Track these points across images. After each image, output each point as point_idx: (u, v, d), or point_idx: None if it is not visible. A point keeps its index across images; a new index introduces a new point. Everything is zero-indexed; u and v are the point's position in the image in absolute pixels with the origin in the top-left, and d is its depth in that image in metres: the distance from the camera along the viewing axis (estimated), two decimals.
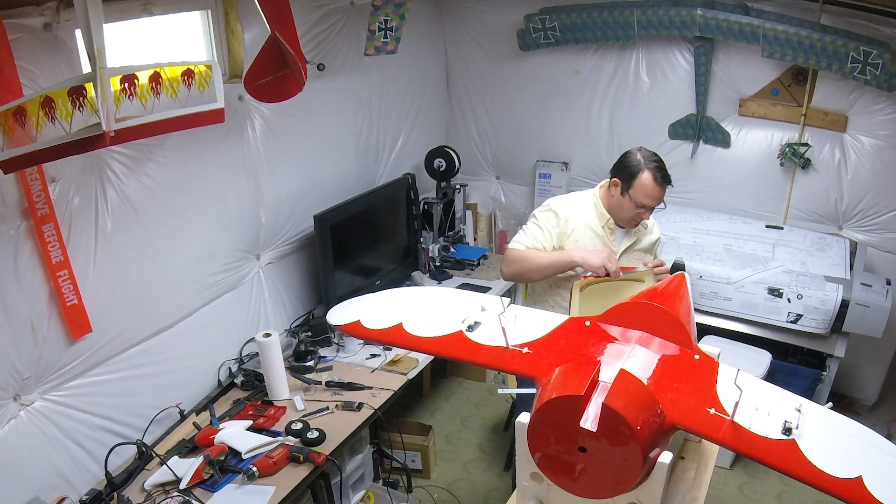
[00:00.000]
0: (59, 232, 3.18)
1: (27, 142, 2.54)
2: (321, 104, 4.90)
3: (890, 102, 4.98)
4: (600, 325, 2.53)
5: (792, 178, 5.47)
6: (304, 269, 5.06)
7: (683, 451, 2.83)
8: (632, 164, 3.74)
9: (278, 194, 4.63)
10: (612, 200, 3.87)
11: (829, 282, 4.91)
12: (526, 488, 2.45)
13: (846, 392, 5.79)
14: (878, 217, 5.31)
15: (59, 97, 2.56)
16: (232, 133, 4.18)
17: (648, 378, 2.21)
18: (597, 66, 5.86)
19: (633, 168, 3.73)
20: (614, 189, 3.82)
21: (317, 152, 4.98)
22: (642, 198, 3.74)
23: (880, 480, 1.90)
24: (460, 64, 6.45)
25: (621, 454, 1.99)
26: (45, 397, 3.32)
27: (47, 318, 3.24)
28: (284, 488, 3.50)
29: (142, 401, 3.83)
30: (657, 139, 5.80)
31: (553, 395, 2.04)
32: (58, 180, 3.18)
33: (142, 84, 2.82)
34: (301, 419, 3.97)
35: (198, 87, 3.03)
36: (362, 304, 3.03)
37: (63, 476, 3.42)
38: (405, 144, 6.04)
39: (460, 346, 2.61)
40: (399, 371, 4.54)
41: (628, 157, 3.79)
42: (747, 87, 5.45)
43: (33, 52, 2.97)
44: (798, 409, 2.10)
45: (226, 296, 4.37)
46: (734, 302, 5.12)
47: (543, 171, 6.35)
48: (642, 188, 3.72)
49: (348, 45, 5.01)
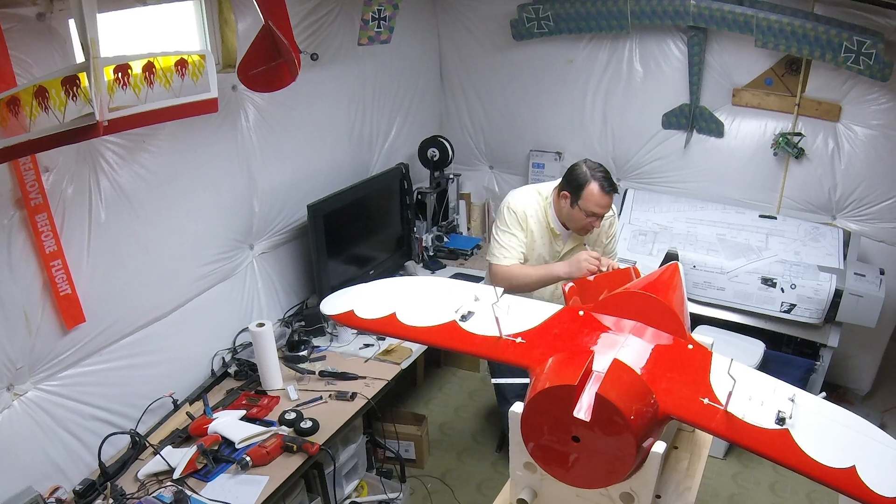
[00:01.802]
0: (52, 222, 3.18)
1: (21, 131, 2.53)
2: (315, 94, 4.89)
3: (883, 92, 4.98)
4: (594, 315, 2.53)
5: (785, 168, 5.48)
6: (297, 258, 5.06)
7: (677, 440, 2.84)
8: (579, 177, 3.91)
9: (272, 184, 4.63)
10: (562, 211, 4.04)
11: (822, 271, 4.92)
12: (519, 478, 2.45)
13: (840, 382, 5.82)
14: (871, 207, 5.32)
15: (52, 87, 2.56)
16: (225, 123, 4.17)
17: (642, 368, 2.21)
18: (590, 56, 5.85)
19: (580, 180, 3.90)
20: (564, 201, 3.98)
21: (310, 142, 4.97)
22: (592, 207, 3.91)
23: (874, 470, 1.90)
24: (454, 54, 6.44)
25: (615, 444, 1.99)
26: (38, 387, 3.32)
27: (41, 308, 3.24)
28: (278, 478, 3.50)
29: (135, 391, 3.83)
30: (650, 129, 5.81)
31: (546, 384, 2.03)
32: (51, 170, 3.17)
33: (135, 74, 2.81)
34: (294, 409, 3.98)
35: (191, 77, 3.03)
36: (356, 294, 3.02)
37: (56, 466, 3.42)
38: (399, 134, 6.03)
39: (454, 336, 2.61)
40: (392, 361, 4.55)
41: (575, 170, 3.95)
42: (741, 76, 5.45)
43: (27, 42, 2.96)
44: (791, 398, 2.10)
45: (219, 285, 4.36)
46: (727, 292, 5.13)
47: (537, 160, 6.35)
48: (591, 198, 3.88)
49: (342, 34, 4.99)
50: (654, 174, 6.00)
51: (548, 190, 4.13)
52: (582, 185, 3.86)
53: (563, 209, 4.00)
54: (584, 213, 3.92)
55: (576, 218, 3.97)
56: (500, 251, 4.08)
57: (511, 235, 4.07)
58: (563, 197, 3.96)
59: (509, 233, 4.08)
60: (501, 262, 4.07)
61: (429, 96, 6.48)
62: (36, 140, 2.55)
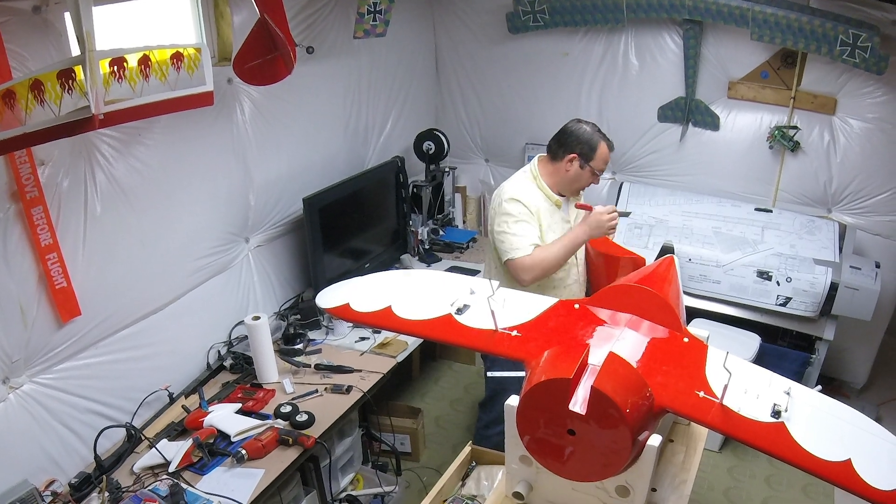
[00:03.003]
0: (48, 215, 3.18)
1: (16, 125, 2.53)
2: (310, 87, 4.88)
3: (879, 85, 4.98)
4: (589, 308, 2.53)
5: (781, 161, 5.48)
6: (293, 252, 5.06)
7: (672, 434, 2.84)
8: (587, 138, 3.95)
9: (267, 177, 4.62)
10: (567, 175, 4.01)
11: (818, 265, 4.93)
12: (515, 471, 2.46)
13: (835, 375, 5.82)
14: (867, 200, 5.31)
15: (48, 80, 2.55)
16: (221, 116, 4.17)
17: (637, 361, 2.21)
18: (586, 49, 5.84)
19: (591, 141, 3.95)
20: (570, 164, 3.96)
21: (306, 135, 4.96)
22: (601, 164, 4.01)
23: (869, 463, 1.90)
24: (449, 47, 6.42)
25: (610, 437, 1.99)
26: (34, 380, 3.32)
27: (36, 301, 3.24)
28: (273, 471, 3.51)
29: (131, 384, 3.83)
30: (646, 122, 5.81)
31: (542, 377, 2.04)
32: (47, 163, 3.17)
33: (131, 67, 2.81)
34: (290, 402, 3.98)
35: (187, 70, 3.02)
36: (351, 287, 3.03)
37: (52, 459, 3.42)
38: (394, 127, 6.02)
39: (449, 329, 2.61)
40: (388, 354, 4.55)
41: (579, 131, 3.97)
42: (736, 69, 5.45)
43: (22, 36, 2.95)
44: (787, 392, 2.10)
45: (215, 279, 4.37)
46: (723, 285, 5.13)
47: (532, 153, 6.31)
48: (602, 156, 3.98)
49: (337, 28, 4.99)
50: (649, 167, 5.99)
51: (529, 170, 4.12)
52: (595, 146, 3.93)
53: (567, 172, 3.98)
54: (591, 172, 3.99)
55: (584, 178, 4.01)
56: (516, 241, 3.91)
57: (523, 223, 3.94)
58: (570, 160, 3.94)
59: (521, 221, 3.94)
60: (522, 253, 3.89)
61: (424, 89, 6.47)
62: (31, 133, 2.55)
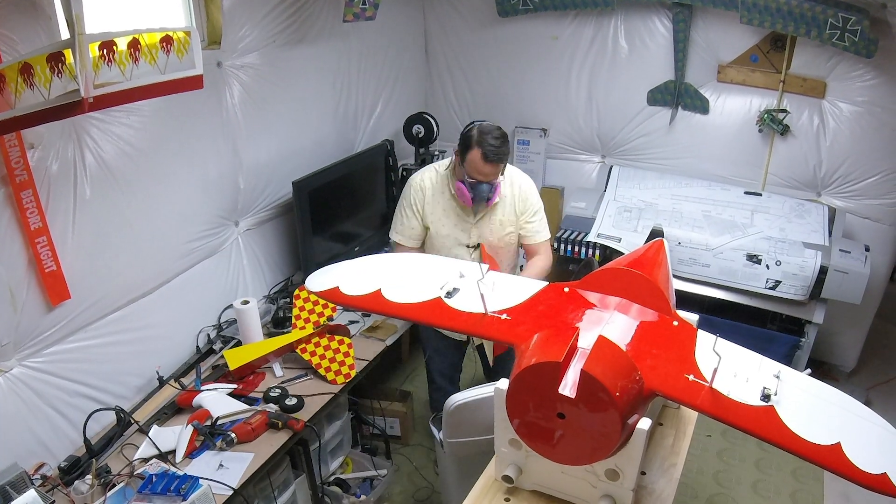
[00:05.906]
0: (37, 198, 3.16)
1: (6, 108, 2.53)
2: (300, 71, 4.86)
3: (868, 69, 4.99)
4: (579, 292, 2.54)
5: (770, 145, 5.49)
6: (282, 235, 5.05)
7: (662, 417, 2.85)
8: (467, 139, 3.86)
9: (257, 161, 4.61)
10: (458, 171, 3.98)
11: (807, 248, 4.95)
12: (504, 455, 2.46)
13: (825, 359, 5.85)
14: (856, 183, 5.34)
15: (37, 63, 2.55)
16: (210, 99, 4.15)
17: (627, 344, 2.22)
18: (575, 33, 5.84)
19: (467, 142, 3.86)
20: (457, 160, 3.95)
21: (295, 119, 4.94)
22: (472, 172, 3.87)
23: (859, 447, 1.91)
24: (439, 30, 6.41)
25: (600, 420, 2.00)
26: (23, 364, 3.31)
27: (26, 285, 3.23)
28: (263, 455, 3.51)
29: (120, 367, 3.83)
30: (636, 105, 5.82)
31: (532, 361, 2.04)
32: (36, 146, 3.15)
33: (120, 50, 2.80)
34: (280, 386, 3.98)
35: (176, 54, 3.02)
36: (341, 271, 3.02)
37: (41, 442, 3.42)
38: (384, 111, 6.00)
39: (439, 313, 2.61)
40: (378, 337, 4.56)
41: (467, 131, 3.89)
42: (726, 53, 5.46)
43: (11, 19, 2.93)
44: (777, 375, 2.11)
45: (204, 262, 4.36)
46: (713, 268, 5.15)
47: (522, 137, 6.35)
48: (471, 163, 3.84)
49: (327, 11, 4.96)
50: (639, 151, 6.01)
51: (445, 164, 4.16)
52: (468, 148, 3.84)
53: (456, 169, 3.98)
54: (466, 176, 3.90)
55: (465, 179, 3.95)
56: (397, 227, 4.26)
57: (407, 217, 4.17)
58: (457, 155, 3.94)
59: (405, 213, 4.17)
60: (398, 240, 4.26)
61: (414, 73, 6.46)
62: (21, 116, 2.54)
